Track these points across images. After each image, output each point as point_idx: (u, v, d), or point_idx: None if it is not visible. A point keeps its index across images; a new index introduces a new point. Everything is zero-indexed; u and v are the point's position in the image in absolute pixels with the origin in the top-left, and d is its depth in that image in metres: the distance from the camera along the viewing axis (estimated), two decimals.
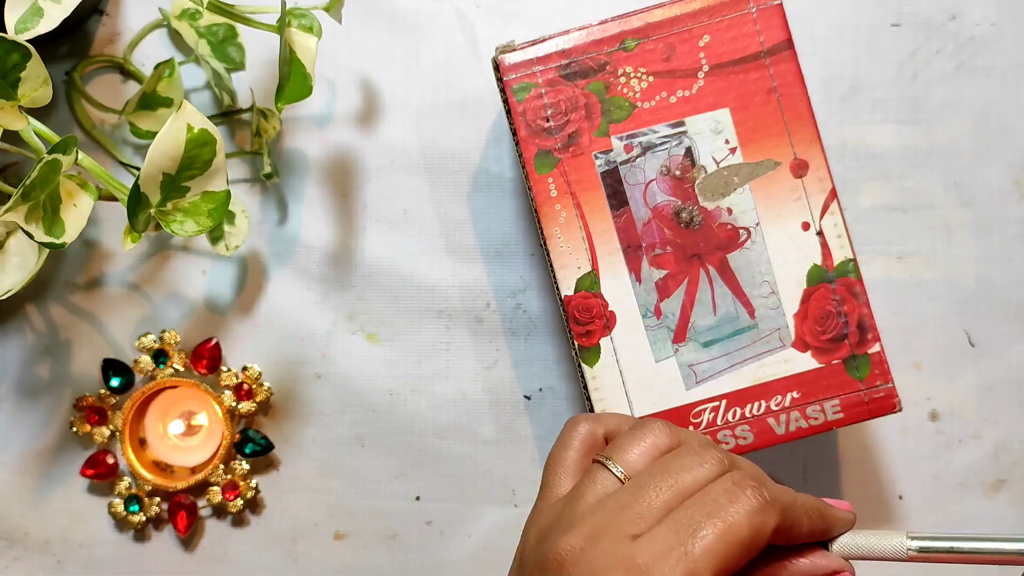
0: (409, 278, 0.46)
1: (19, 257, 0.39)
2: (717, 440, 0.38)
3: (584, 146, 0.38)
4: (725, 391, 0.39)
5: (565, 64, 0.38)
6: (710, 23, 0.38)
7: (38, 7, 0.35)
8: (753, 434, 0.39)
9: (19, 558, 0.47)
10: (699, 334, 0.39)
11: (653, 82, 0.38)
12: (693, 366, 0.39)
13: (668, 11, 0.38)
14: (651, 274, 0.39)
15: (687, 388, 0.39)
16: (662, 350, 0.39)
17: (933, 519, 0.47)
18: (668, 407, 0.39)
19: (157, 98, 0.44)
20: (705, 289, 0.39)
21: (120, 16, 0.46)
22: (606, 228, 0.39)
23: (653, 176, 0.38)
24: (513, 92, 0.38)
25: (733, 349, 0.39)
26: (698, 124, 0.38)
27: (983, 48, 0.46)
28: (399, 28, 0.47)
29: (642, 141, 0.38)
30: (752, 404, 0.39)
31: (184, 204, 0.38)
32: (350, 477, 0.47)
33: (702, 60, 0.38)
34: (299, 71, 0.40)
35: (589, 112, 0.38)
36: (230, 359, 0.47)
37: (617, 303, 0.39)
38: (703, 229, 0.39)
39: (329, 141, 0.47)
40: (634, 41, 0.38)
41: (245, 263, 0.47)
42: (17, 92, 0.34)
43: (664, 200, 0.39)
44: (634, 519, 0.28)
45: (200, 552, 0.47)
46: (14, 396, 0.47)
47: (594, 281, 0.39)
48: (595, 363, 0.39)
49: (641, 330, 0.39)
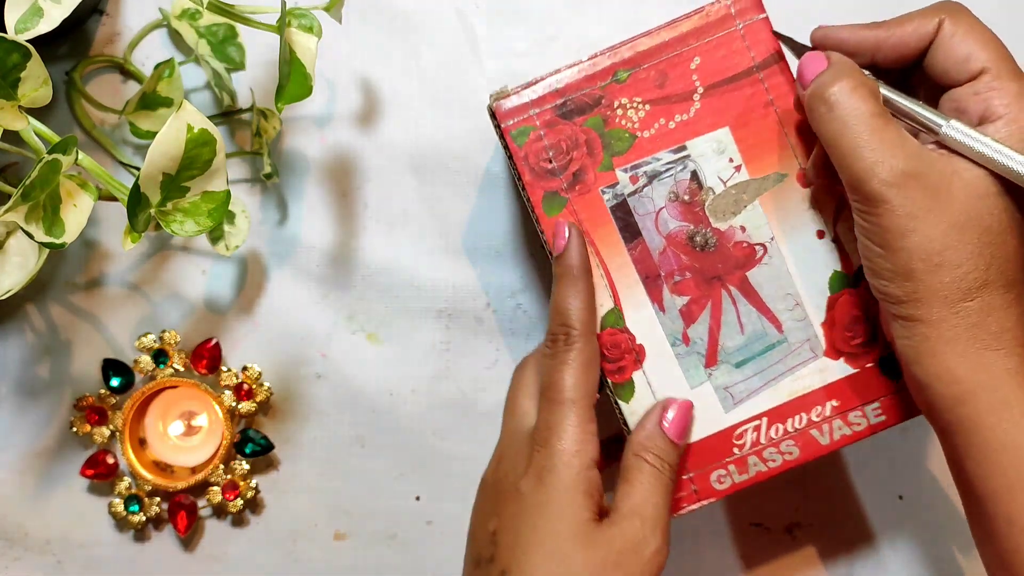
0: (409, 278, 0.47)
1: (19, 257, 0.39)
2: (763, 459, 0.38)
3: (590, 183, 0.38)
4: (764, 409, 0.38)
5: (560, 103, 0.38)
6: (699, 45, 0.38)
7: (38, 7, 0.35)
8: (799, 448, 0.38)
9: (19, 558, 0.47)
10: (730, 355, 0.38)
11: (650, 110, 0.38)
12: (728, 388, 0.38)
13: (656, 38, 0.38)
14: (674, 302, 0.38)
15: (726, 411, 0.38)
16: (695, 376, 0.38)
17: (933, 519, 0.47)
18: (709, 432, 0.38)
19: (157, 98, 0.44)
20: (729, 310, 0.38)
21: (120, 16, 0.47)
22: (623, 262, 0.38)
23: (662, 204, 0.38)
24: (513, 138, 0.38)
25: (766, 366, 0.38)
26: (700, 146, 0.38)
27: None
28: (399, 28, 0.47)
29: (647, 170, 0.38)
30: (793, 418, 0.38)
31: (184, 204, 0.38)
32: (350, 477, 0.47)
33: (696, 82, 0.38)
34: (299, 71, 0.40)
35: (590, 148, 0.38)
36: (230, 359, 0.47)
37: (644, 335, 0.38)
38: (719, 250, 0.38)
39: (329, 141, 0.47)
40: (626, 72, 0.38)
41: (245, 263, 0.47)
42: (17, 92, 0.34)
43: (676, 226, 0.38)
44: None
45: (200, 552, 0.47)
46: (14, 396, 0.47)
47: (618, 317, 0.38)
48: (631, 398, 0.38)
49: (672, 359, 0.38)
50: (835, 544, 0.47)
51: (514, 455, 0.37)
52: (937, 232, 0.32)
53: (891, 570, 0.47)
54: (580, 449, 0.35)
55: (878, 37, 0.35)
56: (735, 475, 0.38)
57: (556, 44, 0.46)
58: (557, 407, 0.36)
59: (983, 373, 0.32)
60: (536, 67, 0.46)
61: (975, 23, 0.34)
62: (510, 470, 0.37)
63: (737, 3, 0.38)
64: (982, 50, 0.33)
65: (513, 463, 0.37)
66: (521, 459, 0.36)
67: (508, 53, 0.46)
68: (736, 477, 0.38)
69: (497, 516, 0.36)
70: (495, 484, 0.38)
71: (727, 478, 0.38)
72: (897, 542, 0.47)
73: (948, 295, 0.32)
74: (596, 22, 0.46)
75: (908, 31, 0.34)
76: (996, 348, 0.32)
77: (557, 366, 0.36)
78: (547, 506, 0.35)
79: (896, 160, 0.32)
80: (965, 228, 0.32)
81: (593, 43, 0.46)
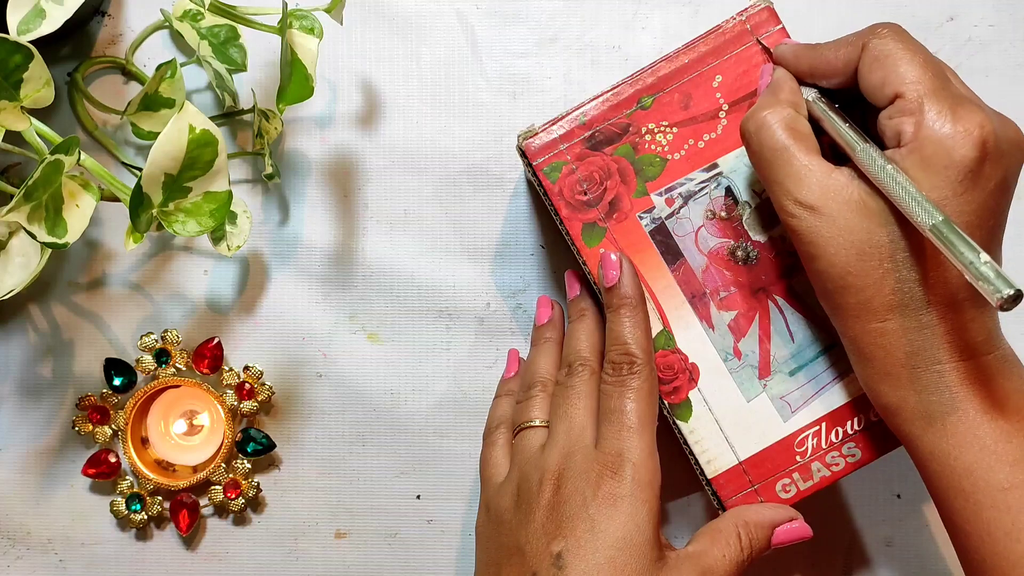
0: (410, 278, 0.47)
1: (22, 257, 0.39)
2: (827, 464, 0.38)
3: (627, 210, 0.38)
4: (822, 414, 0.39)
5: (589, 136, 0.38)
6: (719, 63, 0.38)
7: (40, 8, 0.35)
8: (860, 450, 0.39)
9: (21, 557, 0.47)
10: (783, 365, 0.39)
11: (678, 132, 0.38)
12: (784, 397, 0.39)
13: (676, 62, 0.38)
14: (722, 318, 0.39)
15: (784, 420, 0.39)
16: (751, 389, 0.39)
17: (932, 518, 0.47)
18: (770, 443, 0.38)
19: (159, 99, 0.44)
20: (778, 320, 0.39)
21: (122, 17, 0.47)
22: (667, 284, 0.39)
23: (700, 223, 0.38)
24: (546, 174, 0.38)
25: (820, 371, 0.39)
26: (731, 162, 0.38)
27: (981, 49, 0.46)
28: (400, 29, 0.47)
29: (681, 192, 0.38)
30: (851, 420, 0.39)
31: (186, 204, 0.38)
32: (351, 476, 0.47)
33: (720, 100, 0.38)
34: (300, 72, 0.40)
35: (623, 176, 0.38)
36: (232, 358, 0.47)
37: (696, 354, 0.39)
38: (761, 262, 0.39)
39: (330, 142, 0.47)
40: (650, 97, 0.38)
41: (247, 263, 0.47)
42: (20, 93, 0.34)
43: (717, 243, 0.39)
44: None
45: (202, 551, 0.47)
46: (16, 395, 0.47)
47: (668, 338, 0.39)
48: (689, 417, 0.39)
49: (726, 374, 0.39)
50: (833, 543, 0.47)
51: (581, 473, 0.36)
52: (838, 259, 0.33)
53: (888, 569, 0.47)
54: (652, 479, 0.35)
55: (812, 60, 0.36)
56: (800, 483, 0.39)
57: (556, 45, 0.47)
58: (627, 434, 0.36)
59: (903, 389, 0.33)
60: (536, 68, 0.46)
61: (899, 46, 0.33)
62: (575, 492, 0.35)
63: (752, 18, 0.38)
64: (897, 75, 0.32)
65: (577, 484, 0.36)
66: (588, 482, 0.35)
67: (508, 54, 0.47)
68: (801, 484, 0.39)
69: (564, 539, 0.35)
70: (556, 506, 0.36)
71: (792, 486, 0.39)
72: (894, 541, 0.47)
73: (858, 315, 0.33)
74: (596, 23, 0.46)
75: (835, 55, 0.35)
76: (914, 366, 0.33)
77: (624, 393, 0.37)
78: (622, 541, 0.34)
79: (799, 192, 0.33)
80: (866, 255, 0.32)
81: (593, 44, 0.46)
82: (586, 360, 0.39)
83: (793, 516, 0.38)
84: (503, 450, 0.41)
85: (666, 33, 0.46)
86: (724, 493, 0.39)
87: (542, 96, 0.46)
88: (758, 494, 0.38)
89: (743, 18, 0.38)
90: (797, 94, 0.36)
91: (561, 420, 0.38)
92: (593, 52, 0.46)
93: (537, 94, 0.46)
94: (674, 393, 0.39)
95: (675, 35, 0.46)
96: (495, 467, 0.40)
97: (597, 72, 0.46)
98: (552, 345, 0.43)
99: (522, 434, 0.40)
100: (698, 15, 0.46)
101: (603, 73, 0.46)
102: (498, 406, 0.43)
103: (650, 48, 0.46)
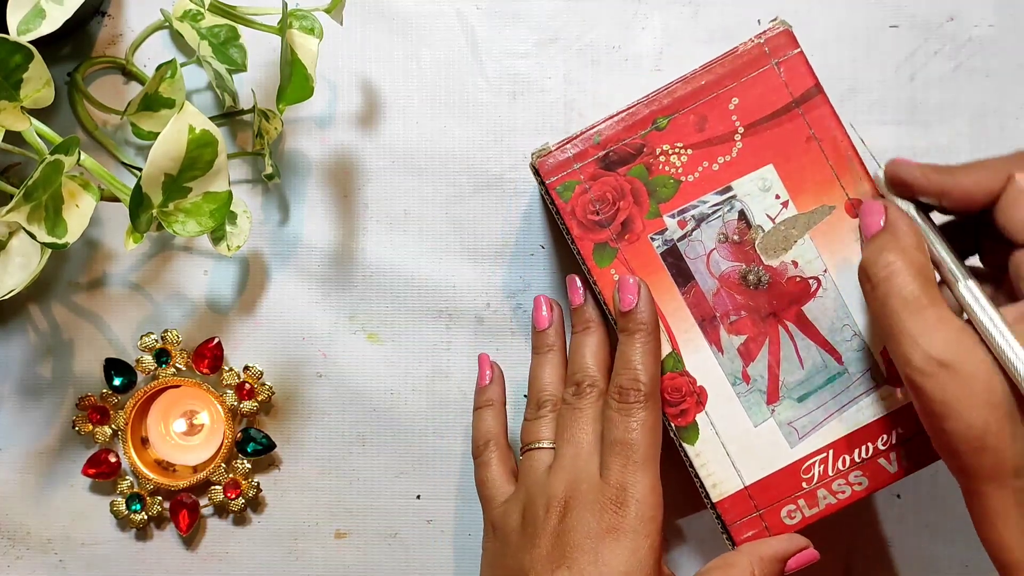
0: (410, 278, 0.47)
1: (22, 257, 0.39)
2: (832, 492, 0.38)
3: (639, 231, 0.38)
4: (830, 441, 0.38)
5: (603, 155, 0.38)
6: (736, 85, 0.38)
7: (40, 8, 0.35)
8: (867, 478, 0.38)
9: (21, 557, 0.47)
10: (791, 391, 0.38)
11: (692, 154, 0.38)
12: (792, 423, 0.38)
13: (692, 83, 0.38)
14: (731, 342, 0.38)
15: (791, 446, 0.38)
16: (758, 414, 0.38)
17: (932, 518, 0.47)
18: (776, 468, 0.38)
19: (159, 99, 0.44)
20: (788, 345, 0.38)
21: (122, 17, 0.47)
22: (677, 306, 0.38)
23: (712, 246, 0.38)
24: (558, 193, 0.38)
25: (828, 398, 0.38)
26: (745, 185, 0.38)
27: (981, 49, 0.46)
28: (400, 29, 0.47)
29: (694, 214, 0.38)
30: (859, 448, 0.38)
31: (186, 205, 0.38)
32: (351, 476, 0.47)
33: (736, 123, 0.38)
34: (300, 72, 0.40)
35: (636, 197, 0.38)
36: (232, 359, 0.47)
37: (704, 377, 0.39)
38: (772, 287, 0.38)
39: (330, 142, 0.47)
40: (665, 119, 0.38)
41: (247, 263, 0.47)
42: (19, 93, 0.34)
43: (728, 267, 0.38)
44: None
45: (202, 550, 0.47)
46: (16, 395, 0.47)
47: (677, 361, 0.39)
48: (695, 440, 0.39)
49: (733, 398, 0.38)
50: (832, 544, 0.47)
51: (586, 504, 0.36)
52: (976, 419, 0.30)
53: (888, 569, 0.47)
54: (654, 515, 0.36)
55: (944, 184, 0.33)
56: (805, 509, 0.38)
57: (556, 45, 0.47)
58: (632, 468, 0.36)
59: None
60: (536, 68, 0.46)
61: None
62: (580, 522, 0.36)
63: (770, 41, 0.37)
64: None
65: (582, 515, 0.36)
66: (592, 514, 0.36)
67: (508, 54, 0.47)
68: (806, 511, 0.38)
69: (568, 569, 0.35)
70: (561, 534, 0.36)
71: (797, 512, 0.38)
72: (894, 541, 0.47)
73: (993, 475, 0.31)
74: (596, 23, 0.46)
75: (974, 183, 0.32)
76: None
77: (630, 425, 0.37)
78: (624, 575, 0.35)
79: (930, 347, 0.31)
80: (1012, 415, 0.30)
81: (593, 44, 0.46)
82: (595, 381, 0.39)
83: (804, 545, 0.38)
84: (498, 469, 0.41)
85: (666, 33, 0.46)
86: (728, 517, 0.39)
87: (542, 96, 0.46)
88: (763, 519, 0.38)
89: (761, 40, 0.37)
90: (919, 233, 0.33)
91: (568, 444, 0.38)
92: (593, 52, 0.46)
93: (537, 94, 0.46)
94: (681, 416, 0.38)
95: (675, 35, 0.46)
96: (494, 487, 0.41)
97: (597, 72, 0.46)
98: (556, 355, 0.43)
99: (529, 454, 0.40)
100: (698, 15, 0.46)
101: (603, 73, 0.46)
102: (481, 419, 0.43)
103: (650, 48, 0.46)
